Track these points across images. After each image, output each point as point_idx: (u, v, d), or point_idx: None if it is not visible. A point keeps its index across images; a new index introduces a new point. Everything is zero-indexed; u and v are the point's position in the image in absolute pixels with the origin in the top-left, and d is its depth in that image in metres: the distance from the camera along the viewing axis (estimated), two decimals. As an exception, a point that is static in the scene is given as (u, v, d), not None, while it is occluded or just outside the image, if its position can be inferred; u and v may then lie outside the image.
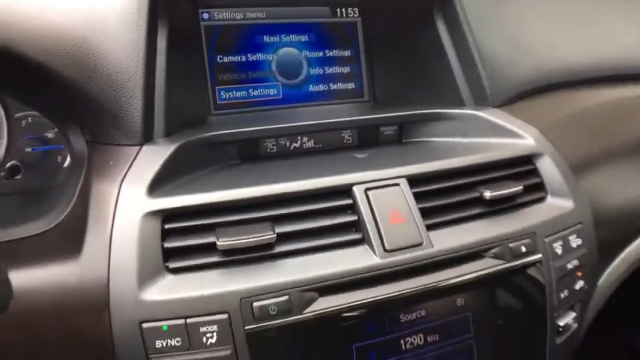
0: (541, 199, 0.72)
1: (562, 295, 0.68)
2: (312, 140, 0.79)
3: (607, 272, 0.78)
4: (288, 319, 0.54)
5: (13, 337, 0.54)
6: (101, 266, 0.54)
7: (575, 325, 0.71)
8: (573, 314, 0.70)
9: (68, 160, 0.72)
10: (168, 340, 0.52)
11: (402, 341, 0.60)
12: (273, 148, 0.77)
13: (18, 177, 0.72)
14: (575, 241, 0.70)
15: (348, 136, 0.81)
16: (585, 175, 0.80)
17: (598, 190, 0.82)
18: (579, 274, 0.70)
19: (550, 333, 0.67)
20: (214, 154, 0.71)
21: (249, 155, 0.75)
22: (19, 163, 0.72)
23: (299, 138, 0.78)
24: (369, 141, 0.82)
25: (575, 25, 0.97)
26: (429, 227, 0.63)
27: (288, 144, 0.77)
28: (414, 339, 0.61)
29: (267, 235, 0.56)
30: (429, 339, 0.61)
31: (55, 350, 0.53)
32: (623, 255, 0.81)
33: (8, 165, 0.71)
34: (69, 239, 0.57)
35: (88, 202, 0.58)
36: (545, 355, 0.68)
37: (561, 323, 0.69)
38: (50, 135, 0.73)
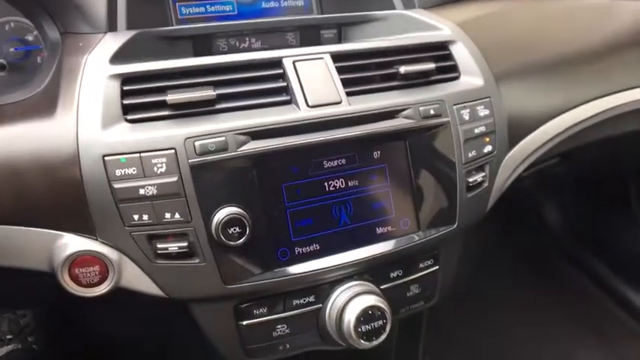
0: (454, 79, 0.83)
1: (470, 155, 0.80)
2: (260, 41, 0.90)
3: (514, 149, 0.89)
4: (224, 155, 0.66)
5: (1, 183, 0.65)
6: (71, 119, 0.66)
7: (486, 184, 0.83)
8: (483, 173, 0.82)
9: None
10: (126, 170, 0.64)
11: (325, 184, 0.72)
12: (224, 47, 0.88)
13: (3, 74, 0.84)
14: (482, 111, 0.82)
15: (292, 38, 0.92)
16: (503, 80, 0.89)
17: (513, 94, 0.91)
18: (487, 139, 0.82)
19: (460, 187, 0.79)
20: (170, 48, 0.83)
21: (203, 53, 0.87)
22: (3, 61, 0.84)
23: (247, 39, 0.89)
24: (311, 43, 0.93)
25: None
26: (349, 94, 0.74)
27: (237, 44, 0.89)
28: (336, 182, 0.73)
29: (209, 92, 0.68)
30: (349, 184, 0.73)
31: (36, 188, 0.65)
32: (527, 138, 0.92)
33: (-6, 62, 0.84)
34: (46, 103, 0.69)
35: (61, 73, 0.70)
36: (456, 206, 0.79)
37: (470, 179, 0.80)
38: (30, 38, 0.85)
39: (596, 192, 1.66)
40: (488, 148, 0.82)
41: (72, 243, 0.65)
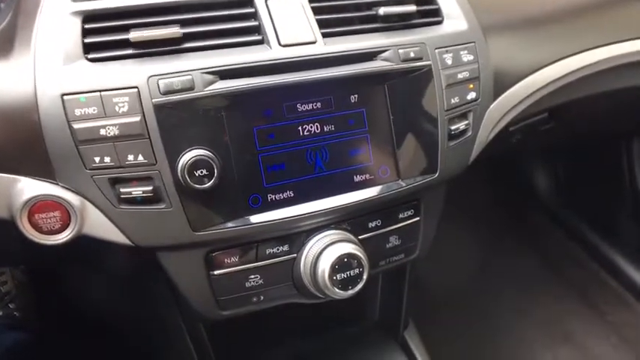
0: (437, 23, 0.80)
1: (452, 101, 0.76)
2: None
3: (499, 99, 0.85)
4: (190, 94, 0.62)
5: None
6: (28, 59, 0.62)
7: (469, 133, 0.80)
8: (466, 121, 0.79)
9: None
10: (86, 109, 0.60)
11: (299, 128, 0.69)
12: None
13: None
14: (466, 56, 0.78)
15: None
16: (491, 31, 0.85)
17: (500, 45, 0.87)
18: (470, 85, 0.78)
19: (442, 134, 0.76)
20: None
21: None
22: (-37, 8, 0.80)
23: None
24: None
25: None
26: (325, 35, 0.71)
27: (212, -9, 0.85)
28: (311, 127, 0.69)
29: (175, 30, 0.64)
30: (325, 128, 0.70)
31: None
32: (513, 88, 0.88)
33: (-47, 7, 0.80)
34: (2, 44, 0.65)
35: (19, 13, 0.67)
36: (438, 154, 0.76)
37: (453, 127, 0.77)
38: (-8, -17, 0.81)
39: (587, 157, 1.63)
40: (472, 95, 0.79)
41: (30, 187, 0.61)
